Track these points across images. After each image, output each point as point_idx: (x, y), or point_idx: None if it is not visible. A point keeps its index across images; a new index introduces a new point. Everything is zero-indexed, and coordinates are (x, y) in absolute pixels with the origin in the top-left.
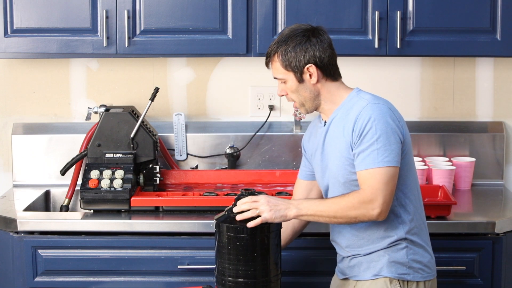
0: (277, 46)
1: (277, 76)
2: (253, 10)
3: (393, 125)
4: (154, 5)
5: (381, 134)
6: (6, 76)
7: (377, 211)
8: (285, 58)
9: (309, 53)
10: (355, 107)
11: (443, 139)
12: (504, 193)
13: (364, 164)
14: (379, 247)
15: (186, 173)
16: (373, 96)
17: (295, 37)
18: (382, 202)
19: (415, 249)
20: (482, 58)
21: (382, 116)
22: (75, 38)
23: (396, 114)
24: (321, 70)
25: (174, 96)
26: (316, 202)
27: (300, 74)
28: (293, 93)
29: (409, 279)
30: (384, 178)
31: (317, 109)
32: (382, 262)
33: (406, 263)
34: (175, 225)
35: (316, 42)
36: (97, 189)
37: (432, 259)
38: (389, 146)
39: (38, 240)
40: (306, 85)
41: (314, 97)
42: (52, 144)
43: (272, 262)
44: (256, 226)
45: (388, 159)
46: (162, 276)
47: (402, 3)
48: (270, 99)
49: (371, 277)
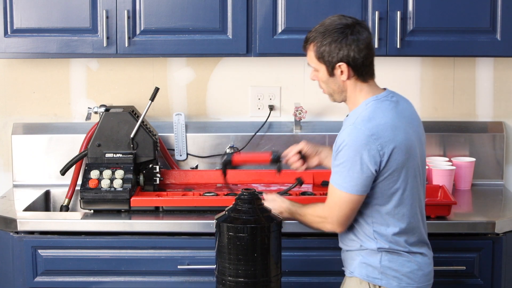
0: (314, 35)
1: (311, 64)
2: (253, 10)
3: (363, 156)
4: (154, 5)
5: (347, 160)
6: (6, 76)
7: (330, 227)
8: (319, 51)
9: (342, 52)
10: (350, 120)
11: (443, 139)
12: (504, 193)
13: (332, 179)
14: (353, 248)
15: (186, 173)
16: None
17: (334, 31)
18: (335, 220)
19: (394, 257)
20: (482, 58)
21: (354, 144)
22: (75, 38)
23: (379, 142)
24: (353, 70)
25: (174, 96)
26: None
27: (332, 69)
28: (323, 83)
29: (380, 284)
30: (338, 200)
31: (344, 101)
32: (355, 262)
33: (378, 267)
34: (175, 225)
35: (352, 41)
36: (97, 189)
37: (419, 271)
38: (352, 174)
39: (38, 240)
40: (336, 79)
41: (341, 92)
42: (52, 144)
43: (272, 262)
44: (257, 226)
45: (346, 185)
46: (162, 276)
47: (402, 3)
48: (270, 99)
49: (348, 274)
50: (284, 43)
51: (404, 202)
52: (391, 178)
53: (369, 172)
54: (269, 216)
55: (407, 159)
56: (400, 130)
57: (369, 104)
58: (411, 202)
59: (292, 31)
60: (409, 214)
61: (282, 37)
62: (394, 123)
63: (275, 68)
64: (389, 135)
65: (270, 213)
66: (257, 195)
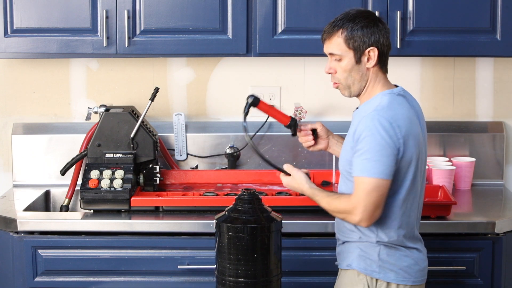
0: (343, 22)
1: (335, 52)
2: (253, 10)
3: (387, 140)
4: (154, 5)
5: (372, 146)
6: (6, 76)
7: (357, 219)
8: (350, 36)
9: (374, 37)
10: (368, 108)
11: (443, 139)
12: (504, 193)
13: (355, 170)
14: (352, 239)
15: (186, 173)
16: (389, 104)
17: (364, 18)
18: (362, 210)
19: (391, 251)
20: (482, 58)
21: (376, 129)
22: (75, 38)
23: (398, 130)
24: (379, 57)
25: (174, 96)
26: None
27: (360, 55)
28: (345, 73)
29: (378, 277)
30: (367, 188)
31: (359, 95)
32: (354, 254)
33: (376, 261)
34: (175, 225)
35: (382, 29)
36: (97, 189)
37: (416, 265)
38: (380, 158)
39: (38, 240)
40: (361, 67)
41: (362, 81)
42: (52, 144)
43: (272, 262)
44: (257, 226)
45: (374, 170)
46: (162, 276)
47: (402, 3)
48: (270, 99)
49: (345, 267)
50: (284, 43)
51: (410, 196)
52: (403, 169)
53: (394, 155)
54: (269, 216)
55: (418, 153)
56: (414, 123)
57: (385, 96)
58: (413, 196)
59: (292, 31)
60: (411, 208)
61: (282, 37)
62: (409, 116)
63: (275, 68)
64: (407, 125)
65: (270, 213)
66: (257, 195)
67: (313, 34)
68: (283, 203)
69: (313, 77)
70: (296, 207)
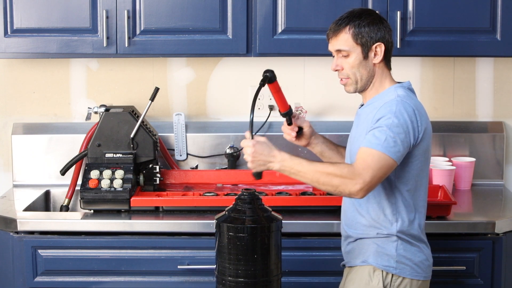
0: (350, 19)
1: (342, 48)
2: (253, 10)
3: (410, 126)
4: (154, 5)
5: (396, 126)
6: (6, 76)
7: (358, 187)
8: (358, 31)
9: (381, 33)
10: (385, 99)
11: (443, 139)
12: (504, 193)
13: (369, 142)
14: (368, 235)
15: (186, 173)
16: (407, 94)
17: (369, 15)
18: (368, 181)
19: (407, 246)
20: (482, 58)
21: (402, 113)
22: (75, 38)
23: (419, 118)
24: (385, 53)
25: (174, 96)
26: (303, 161)
27: (367, 51)
28: (353, 68)
29: (394, 272)
30: (380, 162)
31: (363, 90)
32: (370, 251)
33: (394, 256)
34: (175, 225)
35: (386, 26)
36: (97, 189)
37: (427, 261)
38: (398, 140)
39: (38, 240)
40: (368, 63)
41: (369, 77)
42: (52, 144)
43: (272, 262)
44: (257, 226)
45: (392, 149)
46: (162, 276)
47: (402, 3)
48: (270, 99)
49: (359, 263)
50: (284, 43)
51: (422, 186)
52: (419, 158)
53: (409, 142)
54: (269, 216)
55: (430, 145)
56: (427, 116)
57: (400, 89)
58: (424, 187)
59: (292, 31)
60: (424, 200)
61: (282, 37)
62: (423, 108)
63: (275, 68)
64: (425, 115)
65: (270, 213)
66: (257, 195)
67: (313, 34)
68: (283, 203)
69: (313, 77)
70: (296, 207)
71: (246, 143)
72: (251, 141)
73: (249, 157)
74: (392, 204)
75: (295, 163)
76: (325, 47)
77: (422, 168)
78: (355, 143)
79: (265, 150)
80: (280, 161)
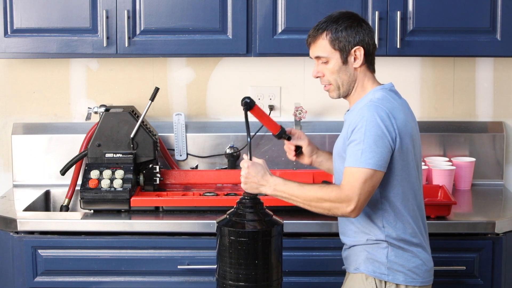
0: (327, 24)
1: (321, 55)
2: (253, 10)
3: (384, 130)
4: (154, 5)
5: (367, 136)
6: (6, 76)
7: (351, 209)
8: (335, 37)
9: (359, 36)
10: (363, 102)
11: (443, 139)
12: (504, 193)
13: (348, 161)
14: (359, 242)
15: (186, 173)
16: (384, 97)
17: (347, 19)
18: (357, 200)
19: (399, 252)
20: (482, 58)
21: (374, 119)
22: (75, 38)
23: (394, 121)
24: (365, 56)
25: (174, 96)
26: (294, 186)
27: (346, 56)
28: (333, 74)
29: (387, 279)
30: (362, 178)
31: (347, 95)
32: (361, 258)
33: (385, 263)
34: (175, 225)
35: (366, 28)
36: (97, 189)
37: (424, 265)
38: (376, 149)
39: (38, 240)
40: (348, 68)
41: (351, 82)
42: (52, 144)
43: (273, 266)
44: (258, 231)
45: (371, 161)
46: (162, 276)
47: (402, 3)
48: (270, 99)
49: (352, 271)
50: (284, 43)
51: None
52: (399, 162)
53: (389, 146)
54: (271, 220)
55: (413, 147)
56: (408, 116)
57: (378, 91)
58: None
59: (292, 31)
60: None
61: (282, 37)
62: (404, 109)
63: (275, 68)
64: (402, 117)
65: (272, 217)
66: (259, 199)
67: None
68: (283, 203)
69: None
70: (296, 207)
71: (242, 164)
72: (248, 162)
73: (243, 178)
74: (379, 210)
75: (287, 187)
76: None
77: (406, 171)
78: (335, 149)
79: (259, 173)
80: (272, 185)
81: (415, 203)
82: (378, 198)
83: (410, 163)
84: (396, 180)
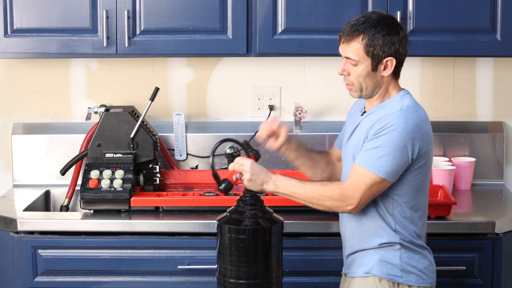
0: (364, 27)
1: (352, 57)
2: (253, 10)
3: (407, 144)
4: (154, 5)
5: (389, 144)
6: (6, 76)
7: (351, 208)
8: (371, 43)
9: (394, 47)
10: (388, 108)
11: (443, 139)
12: (504, 193)
13: (362, 160)
14: (371, 246)
15: (186, 173)
16: (412, 106)
17: (386, 26)
18: (359, 201)
19: (411, 253)
20: (482, 58)
21: (402, 130)
22: (75, 38)
23: (420, 136)
24: (395, 67)
25: (174, 96)
26: (295, 183)
27: (377, 64)
28: (359, 78)
29: (400, 281)
30: (370, 182)
31: (369, 97)
32: (373, 261)
33: (398, 265)
34: (175, 225)
35: (402, 37)
36: (97, 189)
37: (431, 266)
38: (393, 160)
39: (38, 240)
40: (376, 75)
41: (375, 87)
42: (52, 144)
43: (274, 264)
44: (258, 228)
45: (384, 169)
46: (162, 276)
47: (402, 3)
48: (270, 99)
49: (362, 275)
50: (284, 43)
51: (424, 197)
52: (420, 169)
53: (407, 160)
54: (271, 217)
55: (431, 153)
56: (430, 124)
57: (406, 97)
58: (426, 198)
59: (292, 31)
60: (425, 209)
61: (282, 37)
62: (427, 117)
63: (275, 68)
64: (428, 128)
65: (272, 215)
66: (259, 197)
67: (313, 34)
68: (283, 203)
69: (313, 77)
70: (296, 207)
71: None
72: (247, 159)
73: (248, 175)
74: (392, 213)
75: (288, 183)
76: (325, 47)
77: (422, 178)
78: (347, 149)
79: (262, 170)
80: (274, 181)
81: (425, 206)
82: (391, 202)
83: (428, 171)
84: (412, 187)
